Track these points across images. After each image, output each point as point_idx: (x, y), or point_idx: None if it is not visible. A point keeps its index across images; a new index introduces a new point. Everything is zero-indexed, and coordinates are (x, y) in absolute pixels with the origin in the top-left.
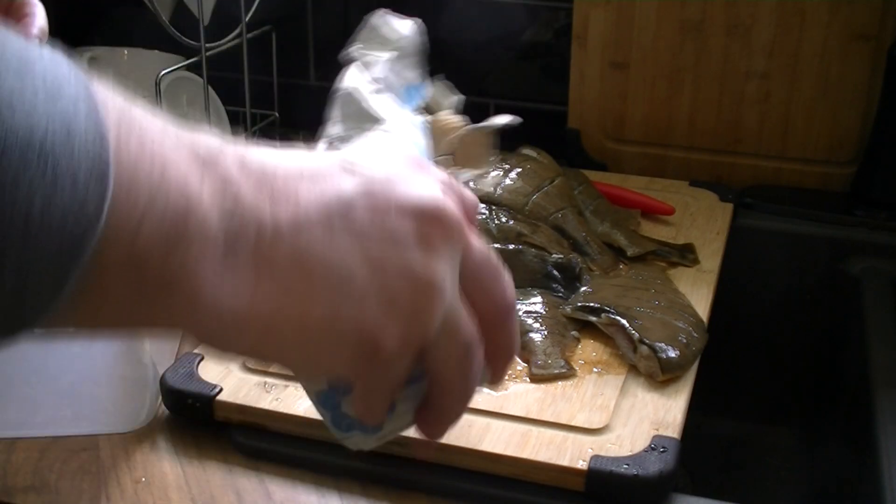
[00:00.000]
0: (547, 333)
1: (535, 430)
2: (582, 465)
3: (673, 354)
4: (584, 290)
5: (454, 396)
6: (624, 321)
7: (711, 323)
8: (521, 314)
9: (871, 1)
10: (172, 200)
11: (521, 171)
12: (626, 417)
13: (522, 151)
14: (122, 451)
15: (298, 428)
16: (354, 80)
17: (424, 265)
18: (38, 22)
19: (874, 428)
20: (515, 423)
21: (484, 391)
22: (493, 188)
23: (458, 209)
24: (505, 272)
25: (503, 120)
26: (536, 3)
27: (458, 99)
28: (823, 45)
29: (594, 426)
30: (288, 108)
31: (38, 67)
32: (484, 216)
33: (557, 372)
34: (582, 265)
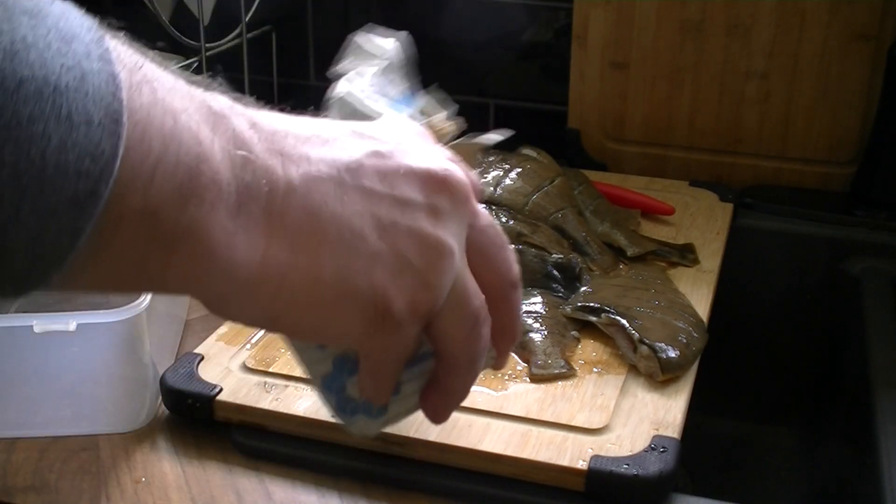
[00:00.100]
0: (547, 333)
1: (535, 430)
2: (582, 465)
3: (673, 354)
4: (584, 290)
5: (460, 373)
6: (624, 321)
7: (711, 323)
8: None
9: (871, 1)
10: (185, 151)
11: (521, 171)
12: (626, 417)
13: (522, 151)
14: (122, 451)
15: (298, 428)
16: (346, 87)
17: (433, 228)
18: None
19: (874, 428)
20: (515, 423)
21: (485, 393)
22: (493, 188)
23: (464, 178)
24: (509, 246)
25: (497, 137)
26: (536, 3)
27: (451, 110)
28: (823, 45)
29: (594, 426)
30: (288, 108)
31: (50, 15)
32: None
33: (557, 372)
34: (582, 265)
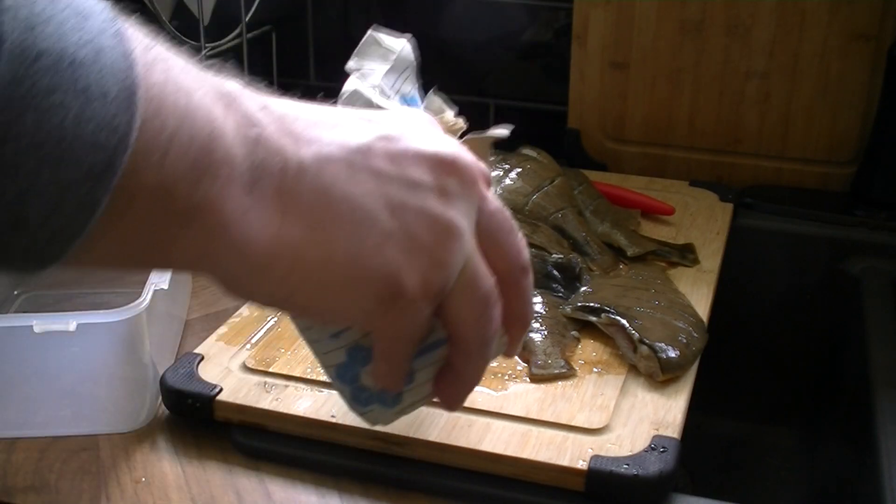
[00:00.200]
0: (547, 333)
1: (535, 430)
2: (582, 465)
3: (673, 354)
4: (584, 290)
5: (472, 356)
6: (624, 321)
7: (711, 323)
8: None
9: (871, 1)
10: (198, 128)
11: (521, 171)
12: (626, 417)
13: (522, 151)
14: (122, 451)
15: (298, 428)
16: (356, 84)
17: (443, 209)
18: None
19: (874, 428)
20: (515, 423)
21: (485, 393)
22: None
23: (473, 162)
24: (519, 231)
25: (503, 130)
26: (536, 3)
27: (453, 112)
28: (823, 45)
29: (594, 426)
30: None
31: None
32: None
33: (557, 372)
34: (582, 265)
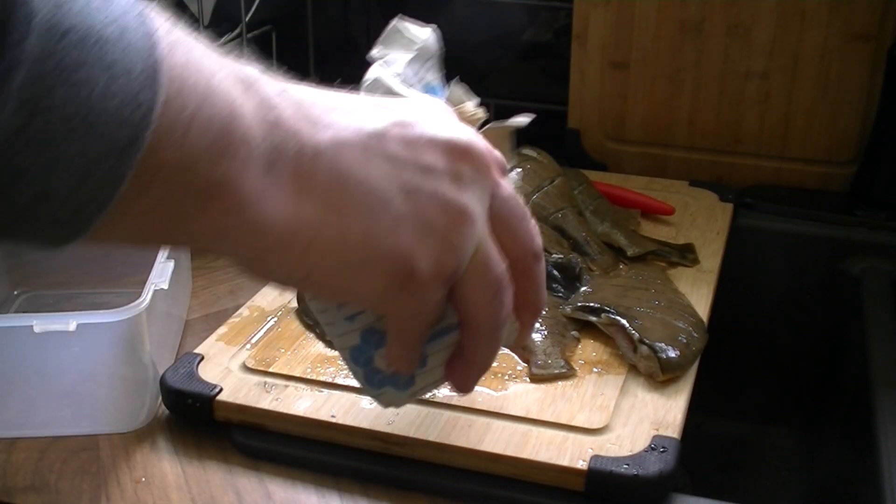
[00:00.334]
0: (547, 333)
1: (535, 430)
2: (582, 465)
3: (673, 354)
4: (584, 290)
5: (484, 341)
6: (624, 321)
7: (711, 323)
8: None
9: (871, 1)
10: (218, 108)
11: (521, 171)
12: (626, 417)
13: (522, 151)
14: (122, 451)
15: (298, 428)
16: (378, 71)
17: (455, 194)
18: None
19: (874, 428)
20: (515, 423)
21: (485, 393)
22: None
23: (486, 149)
24: (531, 218)
25: (525, 119)
26: (536, 3)
27: (474, 102)
28: (823, 45)
29: (594, 426)
30: None
31: None
32: None
33: (557, 372)
34: (582, 265)
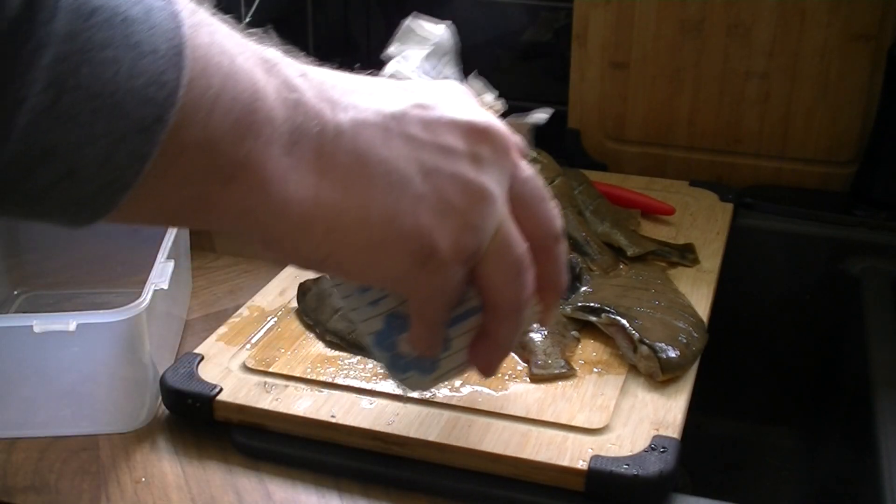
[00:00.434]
0: (547, 333)
1: (535, 430)
2: (582, 465)
3: (673, 354)
4: (584, 290)
5: (506, 321)
6: (624, 321)
7: (711, 323)
8: None
9: (871, 1)
10: (241, 88)
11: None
12: (626, 417)
13: None
14: (122, 451)
15: (298, 428)
16: (397, 66)
17: (475, 174)
18: None
19: (874, 428)
20: (515, 423)
21: (485, 393)
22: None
23: (505, 131)
24: (552, 199)
25: (544, 115)
26: (536, 3)
27: (493, 95)
28: (823, 45)
29: (594, 426)
30: None
31: None
32: None
33: (557, 372)
34: (582, 265)
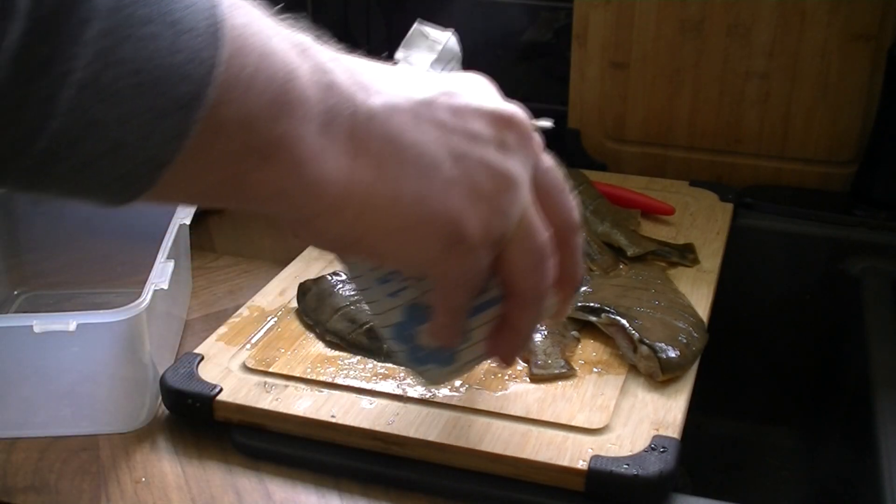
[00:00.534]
0: (547, 333)
1: (535, 430)
2: (582, 465)
3: (673, 354)
4: (584, 290)
5: (526, 308)
6: (624, 321)
7: (711, 323)
8: None
9: (871, 1)
10: (276, 68)
11: None
12: (626, 417)
13: None
14: (122, 451)
15: (298, 428)
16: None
17: (502, 160)
18: None
19: (874, 428)
20: (515, 423)
21: (485, 393)
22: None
23: (528, 120)
24: (570, 191)
25: (546, 123)
26: (536, 3)
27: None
28: (823, 45)
29: (594, 426)
30: None
31: None
32: None
33: (557, 372)
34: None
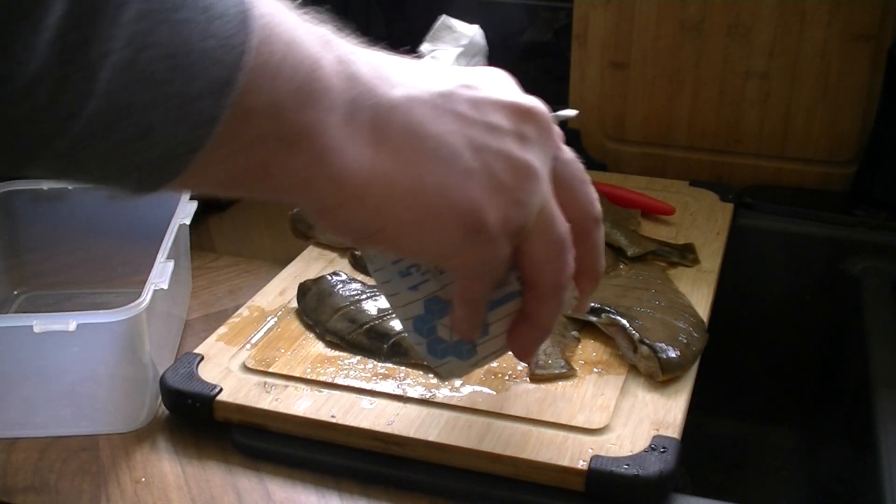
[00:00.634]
0: None
1: (535, 430)
2: (582, 465)
3: (673, 354)
4: None
5: (546, 301)
6: (624, 321)
7: (711, 323)
8: None
9: (871, 1)
10: (302, 57)
11: None
12: (626, 417)
13: None
14: (122, 451)
15: (298, 428)
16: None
17: (521, 152)
18: None
19: (874, 428)
20: (515, 423)
21: (485, 393)
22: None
23: (548, 113)
24: (591, 182)
25: (571, 113)
26: (536, 3)
27: None
28: (823, 45)
29: (594, 426)
30: None
31: None
32: None
33: (557, 372)
34: None
